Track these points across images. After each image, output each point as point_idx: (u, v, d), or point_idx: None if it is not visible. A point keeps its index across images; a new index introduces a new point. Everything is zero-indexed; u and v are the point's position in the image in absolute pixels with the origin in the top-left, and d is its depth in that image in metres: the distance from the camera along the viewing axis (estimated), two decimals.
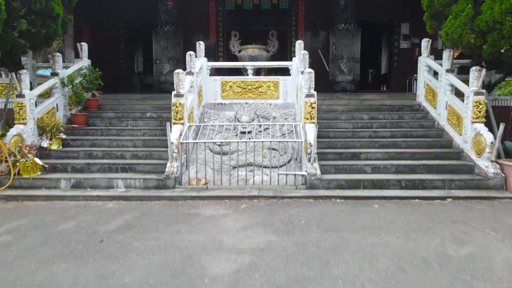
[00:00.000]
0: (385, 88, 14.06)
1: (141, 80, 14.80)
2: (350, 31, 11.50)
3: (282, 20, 13.05)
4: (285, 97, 9.30)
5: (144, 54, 15.76)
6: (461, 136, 7.25)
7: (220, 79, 9.39)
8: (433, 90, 8.58)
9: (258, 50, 10.26)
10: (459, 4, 6.84)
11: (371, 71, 15.67)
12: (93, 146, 7.76)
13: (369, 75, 15.94)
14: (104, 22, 12.59)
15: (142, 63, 15.91)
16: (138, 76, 14.85)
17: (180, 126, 7.08)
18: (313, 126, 6.89)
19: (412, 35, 12.61)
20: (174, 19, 11.79)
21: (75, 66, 9.17)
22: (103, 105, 9.51)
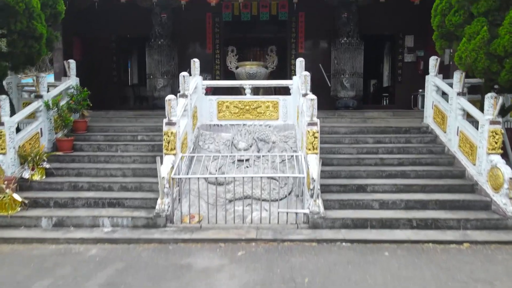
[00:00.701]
0: (388, 102, 13.57)
1: (134, 93, 14.26)
2: (353, 45, 10.98)
3: (282, 32, 12.55)
4: (285, 118, 8.78)
5: (139, 66, 15.23)
6: (474, 166, 6.74)
7: (216, 99, 8.86)
8: (442, 113, 8.07)
9: (256, 67, 9.73)
10: (473, 26, 6.33)
11: (374, 83, 15.15)
12: (79, 176, 7.22)
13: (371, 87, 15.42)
14: (95, 35, 12.04)
15: (137, 75, 15.38)
16: (132, 89, 14.31)
17: (172, 157, 6.55)
18: (316, 158, 6.37)
19: (416, 48, 12.11)
20: (169, 32, 11.25)
21: (62, 85, 8.63)
22: (92, 126, 8.96)
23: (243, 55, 12.89)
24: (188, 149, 7.69)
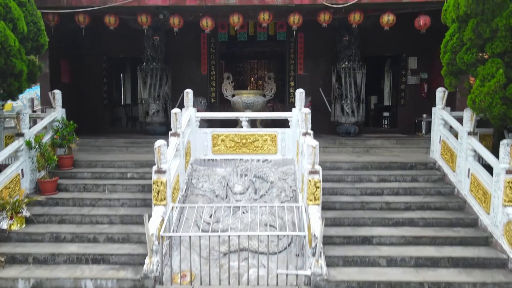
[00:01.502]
0: (390, 123, 13.12)
1: (127, 113, 13.72)
2: (354, 69, 10.51)
3: (280, 53, 12.07)
4: (284, 152, 8.31)
5: (132, 84, 14.71)
6: (488, 215, 6.26)
7: (211, 132, 8.37)
8: (451, 150, 7.60)
9: (253, 95, 9.22)
10: (487, 67, 5.86)
11: (374, 102, 14.69)
12: (62, 223, 6.70)
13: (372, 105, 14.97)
14: (85, 56, 11.52)
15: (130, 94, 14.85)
16: (124, 109, 13.78)
17: (162, 208, 6.04)
18: (318, 210, 5.88)
19: (420, 70, 11.65)
20: (161, 54, 10.74)
21: (46, 119, 8.10)
22: (79, 161, 8.42)
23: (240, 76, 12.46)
24: (181, 191, 7.19)
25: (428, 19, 8.21)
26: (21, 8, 6.66)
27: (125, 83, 15.29)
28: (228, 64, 14.77)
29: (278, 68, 14.52)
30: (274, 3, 7.94)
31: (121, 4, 7.93)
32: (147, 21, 8.46)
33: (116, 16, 8.36)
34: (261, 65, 16.26)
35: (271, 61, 15.50)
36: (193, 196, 7.58)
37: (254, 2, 7.93)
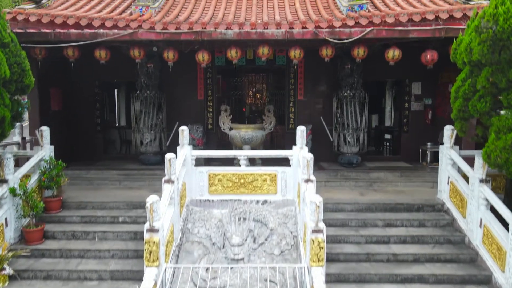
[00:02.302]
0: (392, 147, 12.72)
1: (121, 136, 13.27)
2: (357, 98, 10.11)
3: (279, 79, 11.66)
4: (284, 192, 7.92)
5: (127, 105, 14.25)
6: (503, 274, 5.86)
7: (207, 171, 7.96)
8: (460, 194, 7.21)
9: (252, 130, 8.80)
10: (503, 118, 5.48)
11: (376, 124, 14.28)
12: (47, 279, 6.27)
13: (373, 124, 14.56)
14: (76, 83, 11.05)
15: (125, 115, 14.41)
16: (118, 132, 13.32)
17: (155, 270, 5.59)
18: (322, 273, 5.46)
19: (424, 96, 11.26)
20: (156, 81, 10.30)
21: (32, 160, 7.65)
22: (68, 201, 7.99)
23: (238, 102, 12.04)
24: (175, 241, 6.77)
25: (435, 54, 7.83)
26: (3, 50, 6.25)
27: (119, 104, 14.85)
28: (225, 79, 14.33)
29: (278, 86, 14.06)
30: (274, 37, 7.54)
31: (113, 39, 7.51)
32: (140, 54, 8.05)
33: (107, 49, 7.94)
34: (259, 79, 15.81)
35: (270, 81, 15.06)
36: (188, 243, 7.16)
37: (253, 36, 7.53)
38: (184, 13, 10.55)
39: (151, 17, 10.02)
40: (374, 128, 14.58)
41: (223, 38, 7.65)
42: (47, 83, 10.27)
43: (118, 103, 15.04)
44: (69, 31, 7.61)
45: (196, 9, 10.93)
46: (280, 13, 10.47)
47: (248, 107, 16.77)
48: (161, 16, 10.04)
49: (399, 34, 7.59)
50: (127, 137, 13.10)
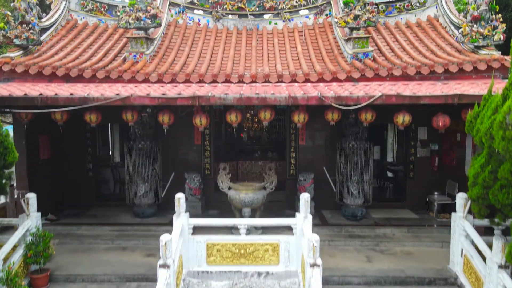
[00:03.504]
0: (395, 189, 12.29)
1: (114, 176, 12.74)
2: (361, 149, 9.65)
3: (280, 124, 11.18)
4: (287, 262, 7.45)
5: (121, 140, 13.72)
6: None
7: (205, 240, 7.47)
8: (476, 273, 6.74)
9: (253, 192, 8.30)
10: None
11: (377, 158, 13.82)
12: None
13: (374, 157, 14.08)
14: (67, 128, 10.48)
15: (119, 152, 13.85)
16: (111, 171, 12.77)
17: None
18: None
19: (430, 141, 10.82)
20: (151, 131, 9.79)
21: (17, 234, 7.07)
22: (56, 273, 7.43)
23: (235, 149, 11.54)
24: None
25: (447, 119, 7.41)
26: None
27: (113, 137, 14.29)
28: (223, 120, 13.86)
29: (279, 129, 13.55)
30: (277, 102, 7.08)
31: (104, 104, 7.01)
32: (133, 118, 7.56)
33: (98, 112, 7.44)
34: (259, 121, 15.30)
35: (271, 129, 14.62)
36: None
37: (254, 101, 7.05)
38: (180, 57, 10.10)
39: (145, 65, 9.58)
40: (376, 163, 14.14)
41: (222, 104, 7.17)
42: (36, 130, 9.74)
43: (112, 137, 14.49)
44: (57, 96, 7.08)
45: (193, 51, 10.48)
46: (281, 59, 10.03)
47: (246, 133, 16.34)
48: (156, 63, 9.58)
49: (409, 101, 7.15)
50: (120, 176, 12.58)
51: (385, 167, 13.64)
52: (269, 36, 11.39)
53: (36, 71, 8.80)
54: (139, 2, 9.76)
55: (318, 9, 11.67)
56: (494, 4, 9.23)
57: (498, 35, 9.13)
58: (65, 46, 10.45)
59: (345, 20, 9.56)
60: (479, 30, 9.15)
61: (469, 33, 9.25)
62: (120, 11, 9.82)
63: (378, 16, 9.83)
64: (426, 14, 11.53)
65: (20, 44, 9.47)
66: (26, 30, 9.40)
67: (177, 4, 11.76)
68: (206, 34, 11.39)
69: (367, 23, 9.54)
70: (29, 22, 9.52)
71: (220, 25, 11.74)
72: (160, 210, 10.32)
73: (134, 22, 9.61)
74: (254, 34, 11.36)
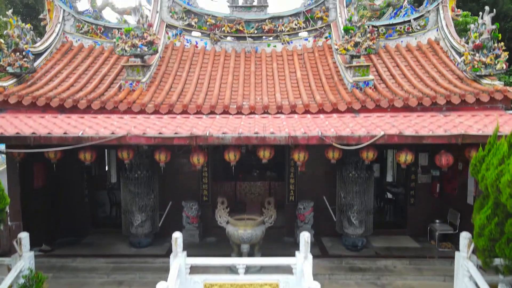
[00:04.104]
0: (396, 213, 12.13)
1: (110, 199, 12.53)
2: (362, 178, 9.50)
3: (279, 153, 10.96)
4: None
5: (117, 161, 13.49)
6: None
7: (202, 281, 7.24)
8: None
9: (251, 228, 8.10)
10: None
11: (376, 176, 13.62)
12: None
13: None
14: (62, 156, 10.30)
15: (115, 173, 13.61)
16: (107, 194, 12.56)
17: None
18: None
19: (431, 167, 10.67)
20: (147, 160, 9.59)
21: (11, 275, 6.82)
22: None
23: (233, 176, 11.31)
24: None
25: (451, 158, 7.25)
26: None
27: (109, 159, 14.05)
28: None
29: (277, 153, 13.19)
30: (276, 142, 6.91)
31: (99, 143, 6.82)
32: (129, 156, 7.38)
33: (93, 151, 7.25)
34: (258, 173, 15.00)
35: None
36: None
37: (253, 141, 6.88)
38: (178, 84, 9.92)
39: (141, 93, 9.39)
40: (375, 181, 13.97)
41: (220, 143, 6.99)
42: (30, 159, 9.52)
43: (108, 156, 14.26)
44: (50, 135, 6.88)
45: (190, 77, 10.30)
46: (280, 86, 9.86)
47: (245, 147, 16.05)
48: (153, 91, 9.39)
49: (412, 141, 7.00)
50: (117, 199, 12.37)
51: (384, 187, 13.47)
52: (268, 59, 11.22)
53: (30, 102, 8.59)
54: (136, 28, 9.58)
55: (318, 32, 11.51)
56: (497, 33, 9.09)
57: (501, 64, 8.99)
58: (60, 71, 10.24)
59: (345, 48, 9.40)
60: (481, 59, 9.00)
61: (471, 61, 9.10)
62: (116, 37, 9.62)
63: (378, 43, 9.67)
64: (426, 37, 11.40)
65: (14, 72, 9.25)
66: (20, 58, 9.19)
67: (174, 26, 11.58)
68: (204, 57, 11.21)
69: (367, 50, 9.38)
70: (23, 49, 9.31)
71: (218, 48, 11.56)
72: (157, 239, 10.12)
73: (130, 49, 9.41)
74: (253, 57, 11.19)
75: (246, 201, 12.54)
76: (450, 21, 11.06)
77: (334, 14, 11.48)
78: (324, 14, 11.50)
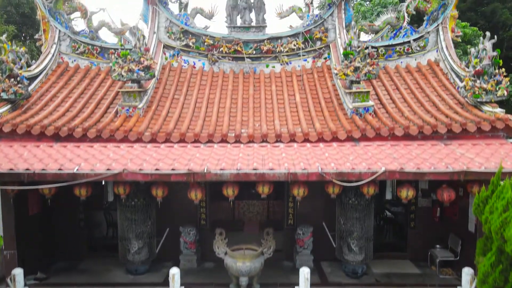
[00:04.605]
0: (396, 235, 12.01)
1: (107, 219, 12.36)
2: (362, 205, 9.38)
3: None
4: None
5: None
6: None
7: None
8: None
9: (250, 261, 7.96)
10: None
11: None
12: None
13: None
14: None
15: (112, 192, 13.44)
16: (104, 214, 12.39)
17: None
18: None
19: (431, 191, 10.54)
20: (144, 187, 9.42)
21: None
22: None
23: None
24: None
25: (453, 193, 7.15)
26: None
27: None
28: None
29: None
30: (276, 179, 6.80)
31: (95, 180, 6.69)
32: (125, 192, 7.24)
33: (88, 186, 7.11)
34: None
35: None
36: None
37: (252, 178, 6.76)
38: (175, 108, 9.79)
39: (138, 119, 9.26)
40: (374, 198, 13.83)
41: (218, 180, 6.86)
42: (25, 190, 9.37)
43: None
44: (45, 171, 6.75)
45: (188, 101, 10.18)
46: (279, 111, 9.74)
47: None
48: (150, 118, 9.26)
49: (414, 177, 6.89)
50: (113, 220, 12.20)
51: (384, 206, 13.36)
52: (267, 80, 11.10)
53: (24, 131, 8.44)
54: (132, 52, 9.44)
55: (317, 52, 11.40)
56: (498, 59, 9.00)
57: (502, 91, 8.90)
58: (56, 95, 10.09)
59: (345, 73, 9.29)
60: (482, 86, 8.91)
61: (472, 88, 9.01)
62: (113, 62, 9.48)
63: (378, 68, 9.55)
64: (426, 58, 11.31)
65: (8, 99, 9.10)
66: (14, 84, 9.04)
67: (171, 47, 11.45)
68: (202, 78, 11.08)
69: (367, 76, 9.27)
70: (17, 75, 9.16)
71: (216, 68, 11.43)
72: (154, 265, 9.97)
73: (127, 74, 9.28)
74: (251, 79, 11.07)
75: (244, 219, 12.38)
76: (450, 42, 10.98)
77: (333, 35, 11.39)
78: (323, 35, 11.40)
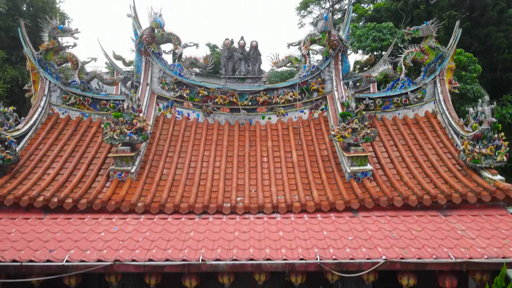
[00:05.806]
0: None
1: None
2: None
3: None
4: None
5: None
6: None
7: None
8: None
9: None
10: None
11: None
12: None
13: None
14: None
15: None
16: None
17: None
18: None
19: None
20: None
21: None
22: None
23: None
24: None
25: (455, 281, 6.97)
26: None
27: None
28: None
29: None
30: (273, 269, 6.59)
31: (86, 272, 6.44)
32: (117, 280, 6.98)
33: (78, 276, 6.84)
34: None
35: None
36: None
37: (249, 268, 6.55)
38: (169, 169, 9.55)
39: (131, 185, 9.01)
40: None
41: (214, 271, 6.64)
42: None
43: None
44: (32, 264, 6.46)
45: (182, 160, 9.92)
46: (276, 172, 9.54)
47: None
48: (142, 184, 9.01)
49: (415, 267, 6.71)
50: None
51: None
52: (263, 133, 10.89)
53: (12, 202, 8.15)
54: (125, 114, 9.20)
55: (313, 104, 11.22)
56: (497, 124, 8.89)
57: (501, 156, 8.78)
58: (46, 154, 9.80)
59: (342, 135, 9.13)
60: (481, 151, 8.78)
61: (471, 152, 8.88)
62: (104, 123, 9.23)
63: (376, 130, 9.39)
64: (424, 109, 11.18)
65: None
66: (2, 150, 8.75)
67: (165, 98, 11.20)
68: (196, 131, 10.84)
69: (365, 138, 9.11)
70: (5, 140, 8.87)
71: (211, 120, 11.21)
72: None
73: (119, 137, 9.02)
74: (247, 132, 10.86)
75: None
76: (447, 96, 10.87)
77: (330, 86, 11.22)
78: (320, 86, 11.23)
